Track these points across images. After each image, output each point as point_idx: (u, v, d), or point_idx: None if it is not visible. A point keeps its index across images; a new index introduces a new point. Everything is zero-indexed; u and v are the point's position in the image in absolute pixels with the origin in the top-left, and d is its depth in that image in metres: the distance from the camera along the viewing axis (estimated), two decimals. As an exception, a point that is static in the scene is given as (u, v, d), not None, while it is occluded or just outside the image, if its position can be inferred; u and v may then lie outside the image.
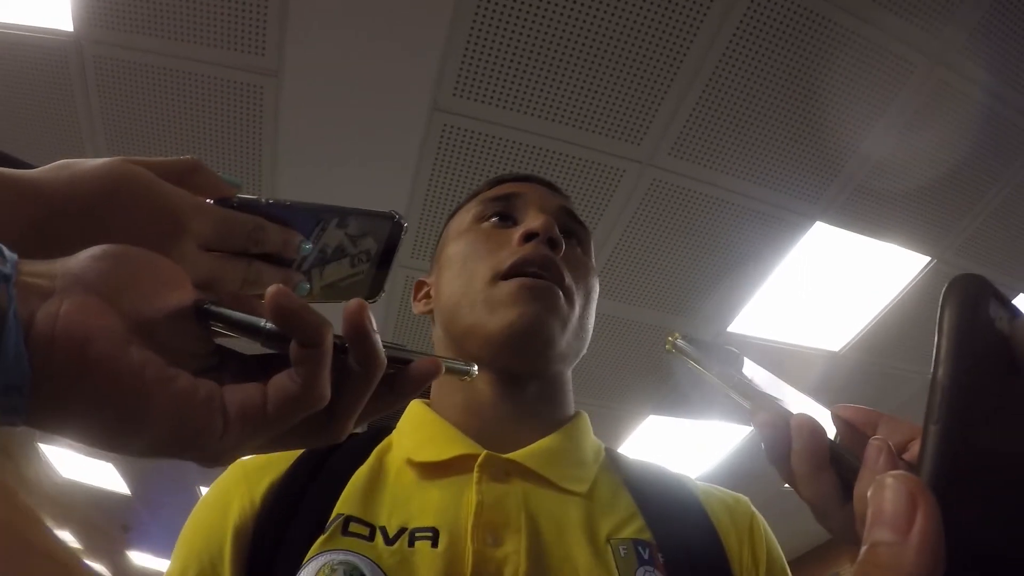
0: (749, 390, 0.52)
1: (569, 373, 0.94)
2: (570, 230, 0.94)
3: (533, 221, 0.87)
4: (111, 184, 0.48)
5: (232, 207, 0.56)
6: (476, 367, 0.53)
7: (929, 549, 0.29)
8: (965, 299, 0.35)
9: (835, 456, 0.46)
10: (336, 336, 0.42)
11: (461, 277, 0.89)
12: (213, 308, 0.43)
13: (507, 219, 0.94)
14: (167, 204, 0.50)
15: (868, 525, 0.32)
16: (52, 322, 0.35)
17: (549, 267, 0.84)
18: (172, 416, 0.38)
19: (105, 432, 0.37)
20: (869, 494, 0.33)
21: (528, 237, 0.86)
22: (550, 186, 1.02)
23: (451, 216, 1.04)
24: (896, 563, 0.29)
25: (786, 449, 0.48)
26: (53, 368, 0.35)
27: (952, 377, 0.34)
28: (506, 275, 0.84)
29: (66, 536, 8.18)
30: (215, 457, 0.41)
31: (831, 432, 0.50)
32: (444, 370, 0.49)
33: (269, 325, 0.41)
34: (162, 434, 0.38)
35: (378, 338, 0.43)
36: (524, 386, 0.87)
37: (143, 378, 0.37)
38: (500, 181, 1.02)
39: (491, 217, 0.94)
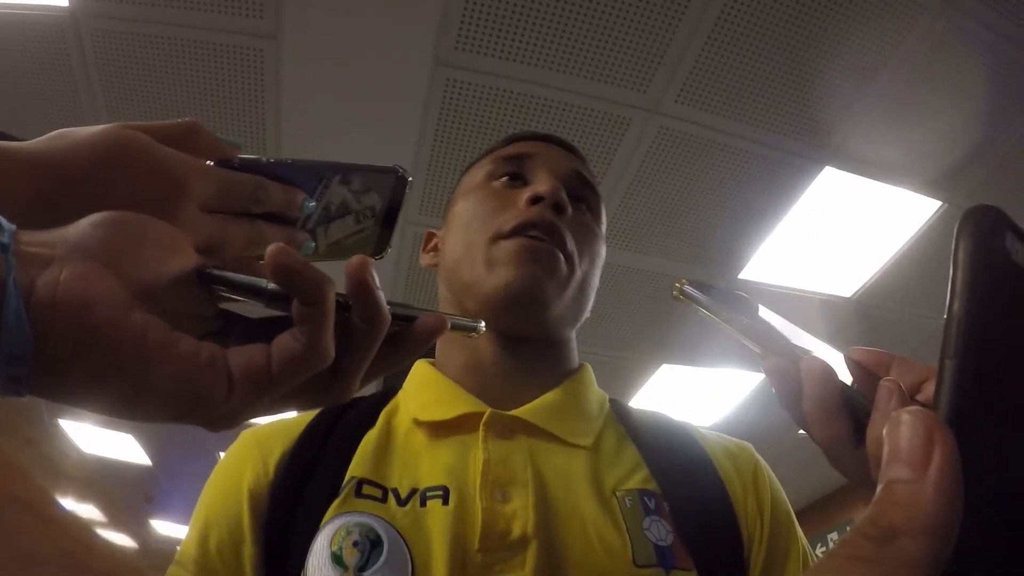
0: (759, 335, 0.51)
1: (571, 334, 0.94)
2: (580, 195, 0.94)
3: (541, 184, 0.86)
4: (109, 149, 0.48)
5: (233, 168, 0.55)
6: (483, 324, 0.53)
7: (947, 486, 0.28)
8: (980, 231, 0.34)
9: (847, 399, 0.46)
10: (339, 294, 0.42)
11: (465, 234, 0.89)
12: (215, 272, 0.43)
13: (517, 179, 0.93)
14: (167, 167, 0.50)
15: (884, 462, 0.31)
16: (52, 289, 0.35)
17: (552, 232, 0.84)
18: (176, 380, 0.38)
19: (109, 398, 0.37)
20: (884, 432, 0.32)
21: (534, 200, 0.85)
22: (567, 147, 1.01)
23: (466, 170, 1.03)
24: (914, 501, 0.29)
25: (797, 394, 0.48)
26: (54, 335, 0.35)
27: (968, 310, 0.33)
28: (508, 235, 0.84)
29: (90, 509, 8.32)
30: (222, 420, 0.41)
31: (844, 375, 0.49)
32: (450, 326, 0.49)
33: (271, 285, 0.41)
34: (166, 398, 0.38)
35: (381, 294, 0.43)
36: (524, 346, 0.87)
37: (145, 342, 0.37)
38: (517, 139, 1.01)
39: (501, 176, 0.94)
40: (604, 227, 0.98)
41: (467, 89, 2.58)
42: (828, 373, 0.46)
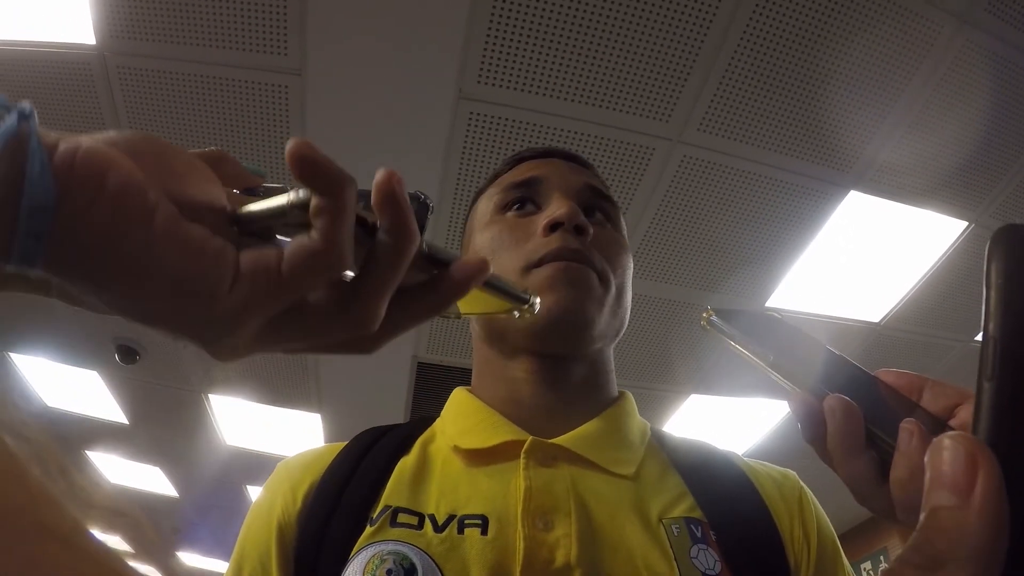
0: (785, 368, 0.49)
1: (610, 352, 0.93)
2: (596, 207, 0.93)
3: (557, 208, 0.85)
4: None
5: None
6: (539, 300, 0.50)
7: (992, 511, 0.28)
8: (1012, 250, 0.33)
9: (871, 437, 0.44)
10: (367, 214, 0.40)
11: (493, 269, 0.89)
12: (247, 210, 0.41)
13: (528, 204, 0.92)
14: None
15: (927, 489, 0.31)
16: (73, 151, 0.35)
17: (578, 257, 0.83)
18: (178, 254, 0.36)
19: (112, 271, 0.36)
20: (926, 457, 0.32)
21: (553, 226, 0.84)
22: (572, 158, 1.00)
23: (473, 201, 1.02)
24: (959, 528, 0.28)
25: (821, 430, 0.47)
26: (71, 192, 0.34)
27: (1004, 331, 0.33)
28: (538, 264, 0.83)
29: (116, 540, 8.35)
30: (225, 323, 0.38)
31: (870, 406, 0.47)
32: (495, 281, 0.46)
33: (293, 195, 0.39)
34: (169, 275, 0.36)
35: (410, 208, 0.40)
36: (567, 369, 0.86)
37: (154, 216, 0.36)
38: (519, 160, 0.99)
39: (513, 205, 0.93)
40: (625, 233, 0.97)
41: (490, 122, 2.60)
42: (851, 412, 0.45)
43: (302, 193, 0.38)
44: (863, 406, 0.45)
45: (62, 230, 0.34)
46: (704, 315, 0.54)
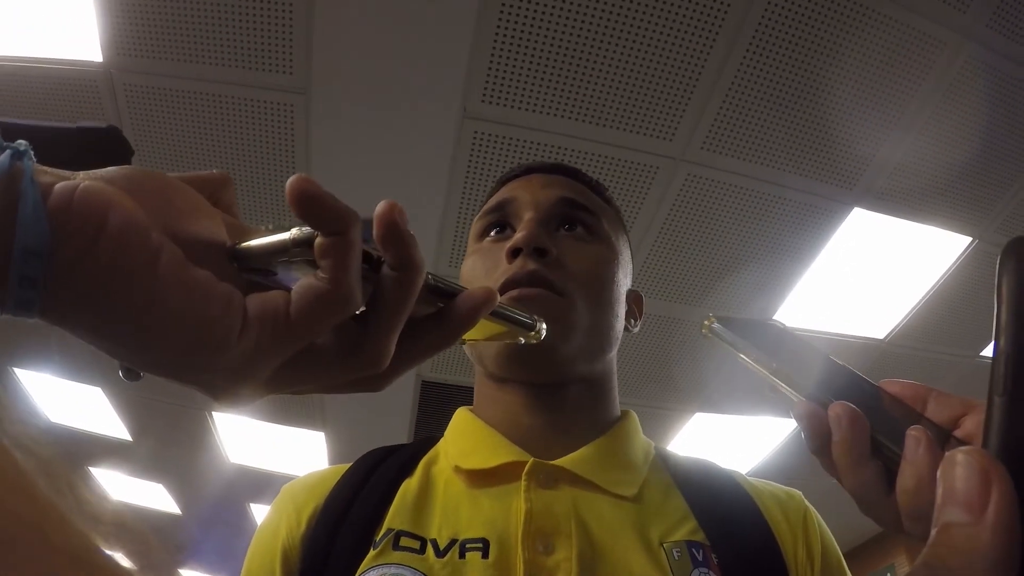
0: (788, 375, 0.49)
1: (610, 370, 0.92)
2: (572, 219, 0.90)
3: (520, 231, 0.84)
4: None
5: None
6: (544, 325, 0.49)
7: (1006, 527, 0.28)
8: (1022, 264, 0.33)
9: (877, 446, 0.44)
10: (371, 248, 0.39)
11: None
12: (245, 245, 0.40)
13: (504, 228, 0.92)
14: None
15: (939, 504, 0.31)
16: (70, 192, 0.33)
17: (535, 281, 0.81)
18: (188, 301, 0.35)
19: (117, 315, 0.34)
20: (939, 472, 0.32)
21: (515, 252, 0.83)
22: (555, 169, 0.97)
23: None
24: (971, 545, 0.28)
25: (826, 440, 0.46)
26: (69, 233, 0.32)
27: (1016, 345, 0.32)
28: (500, 293, 0.82)
29: (119, 557, 8.30)
30: (234, 371, 0.37)
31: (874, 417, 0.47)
32: (501, 314, 0.46)
33: (295, 231, 0.37)
34: (177, 321, 0.34)
35: (414, 239, 0.39)
36: (556, 394, 0.85)
37: (159, 259, 0.34)
38: (504, 180, 0.99)
39: (491, 230, 0.92)
40: (617, 241, 0.94)
41: (494, 142, 2.60)
42: (856, 420, 0.44)
43: (305, 230, 0.37)
44: (868, 415, 0.44)
45: (60, 276, 0.33)
46: (705, 322, 0.54)
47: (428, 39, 2.29)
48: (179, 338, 0.35)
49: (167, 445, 4.97)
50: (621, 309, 0.91)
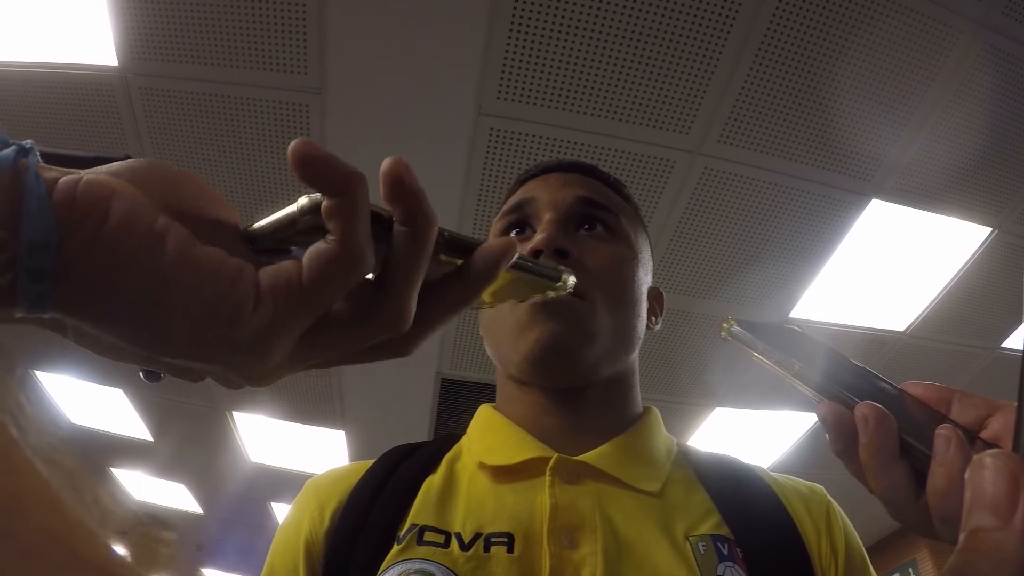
0: (810, 378, 0.47)
1: (632, 368, 0.92)
2: (591, 218, 0.90)
3: (540, 233, 0.84)
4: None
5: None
6: (572, 278, 0.47)
7: None
8: None
9: (905, 447, 0.42)
10: (380, 208, 0.38)
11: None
12: (258, 226, 0.39)
13: (524, 229, 0.91)
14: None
15: (967, 509, 0.30)
16: (74, 184, 0.33)
17: None
18: (195, 278, 0.34)
19: (127, 303, 0.34)
20: (967, 476, 0.31)
21: (535, 254, 0.83)
22: (574, 167, 0.97)
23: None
24: (1000, 550, 0.28)
25: (852, 442, 0.44)
26: (73, 225, 0.33)
27: None
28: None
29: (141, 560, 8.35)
30: (252, 346, 0.36)
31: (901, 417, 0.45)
32: (523, 262, 0.44)
33: (303, 200, 0.37)
34: (187, 301, 0.34)
35: (423, 192, 0.38)
36: (578, 397, 0.86)
37: (165, 241, 0.34)
38: (523, 180, 0.99)
39: (511, 231, 0.92)
40: (637, 240, 0.94)
41: (510, 138, 2.60)
42: (884, 420, 0.42)
43: (313, 197, 0.36)
44: (894, 415, 0.43)
45: (69, 266, 0.33)
46: (724, 325, 0.53)
47: (442, 36, 2.29)
48: (192, 315, 0.35)
49: (188, 445, 5.00)
50: (643, 308, 0.91)
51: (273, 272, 0.36)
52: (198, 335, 0.35)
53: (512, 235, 0.91)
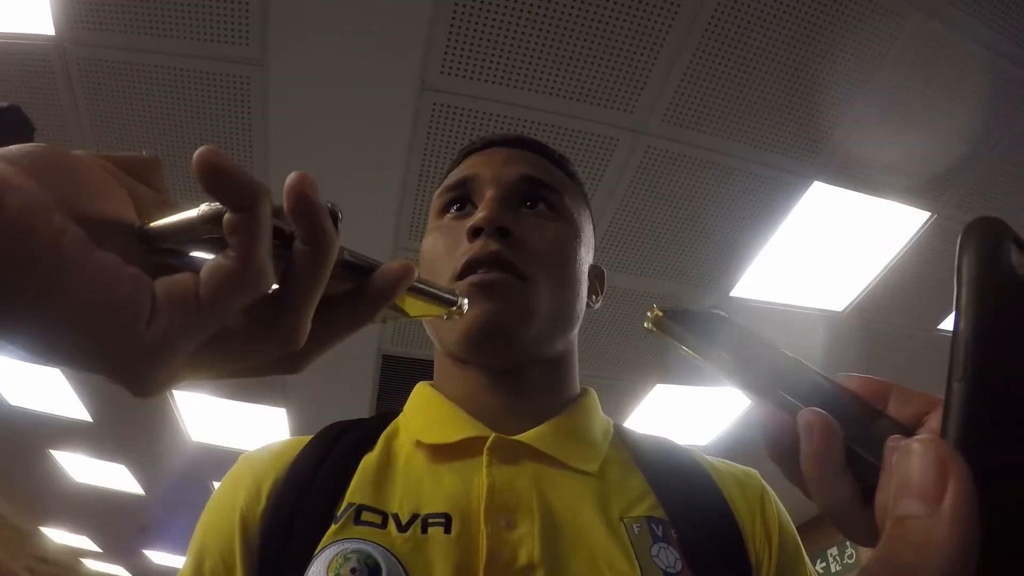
0: (745, 375, 0.45)
1: (568, 348, 0.91)
2: (535, 196, 0.89)
3: (481, 211, 0.83)
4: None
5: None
6: (466, 301, 0.48)
7: (963, 520, 0.27)
8: (984, 245, 0.32)
9: (851, 456, 0.39)
10: (282, 224, 0.37)
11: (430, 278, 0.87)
12: (155, 224, 0.38)
13: (465, 205, 0.90)
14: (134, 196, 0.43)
15: (894, 496, 0.30)
16: None
17: (497, 262, 0.80)
18: (92, 286, 0.33)
19: (17, 307, 0.32)
20: (893, 461, 0.31)
21: (476, 232, 0.82)
22: (517, 143, 0.96)
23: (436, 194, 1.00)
24: (927, 538, 0.27)
25: (792, 450, 0.41)
26: None
27: (976, 330, 0.31)
28: (460, 276, 0.81)
29: (84, 540, 8.25)
30: (144, 359, 0.35)
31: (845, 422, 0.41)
32: (423, 289, 0.44)
33: (204, 207, 0.36)
34: (82, 306, 0.32)
35: (325, 211, 0.37)
36: (517, 376, 0.85)
37: (61, 243, 0.32)
38: (465, 154, 0.97)
39: (452, 207, 0.90)
40: (580, 218, 0.93)
41: (453, 113, 2.58)
42: (829, 428, 0.39)
43: (214, 206, 0.35)
44: (837, 420, 0.40)
45: None
46: (649, 315, 0.49)
47: (387, 10, 2.26)
48: (85, 324, 0.33)
49: (128, 425, 4.93)
50: (583, 287, 0.91)
51: (169, 284, 0.35)
52: (88, 345, 0.34)
53: (453, 211, 0.90)
